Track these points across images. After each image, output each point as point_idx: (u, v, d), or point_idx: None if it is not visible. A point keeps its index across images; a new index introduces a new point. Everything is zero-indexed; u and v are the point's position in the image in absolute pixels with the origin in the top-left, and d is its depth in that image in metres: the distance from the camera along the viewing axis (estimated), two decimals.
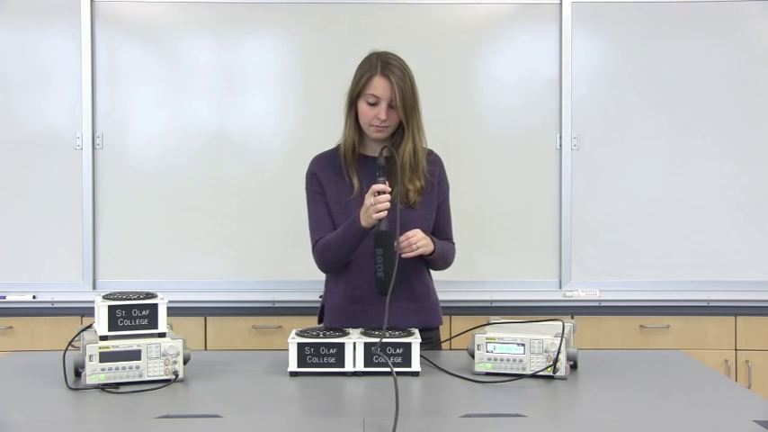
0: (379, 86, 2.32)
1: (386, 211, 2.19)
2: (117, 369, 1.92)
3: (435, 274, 2.55)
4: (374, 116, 2.33)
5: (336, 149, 2.48)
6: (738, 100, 3.70)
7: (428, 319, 2.45)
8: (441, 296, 2.55)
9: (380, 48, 2.43)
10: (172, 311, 2.01)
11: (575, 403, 1.90)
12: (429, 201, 2.43)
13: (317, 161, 2.50)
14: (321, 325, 2.49)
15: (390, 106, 2.33)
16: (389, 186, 2.21)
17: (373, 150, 2.40)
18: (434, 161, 2.48)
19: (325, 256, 2.38)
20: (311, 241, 2.43)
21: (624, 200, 3.71)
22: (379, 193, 2.19)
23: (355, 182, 2.39)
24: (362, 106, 2.36)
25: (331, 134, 2.44)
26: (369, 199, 2.20)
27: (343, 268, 2.40)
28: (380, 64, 2.34)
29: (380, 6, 3.66)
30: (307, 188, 2.47)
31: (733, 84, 3.69)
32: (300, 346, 2.03)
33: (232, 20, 3.68)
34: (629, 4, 3.68)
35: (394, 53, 2.40)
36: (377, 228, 2.21)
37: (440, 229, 2.47)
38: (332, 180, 2.42)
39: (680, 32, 3.70)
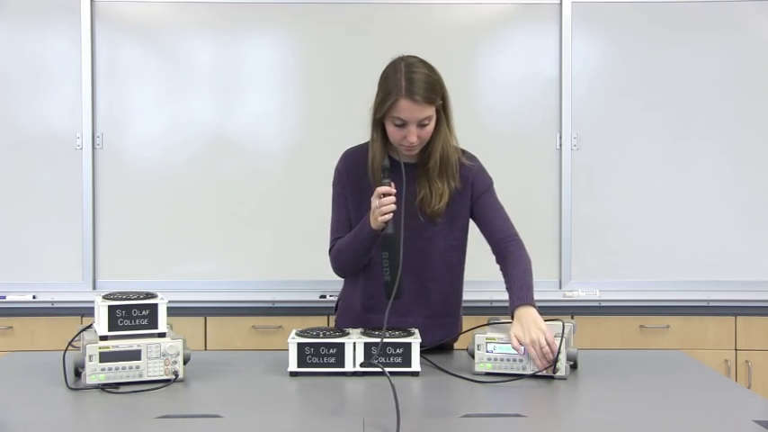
0: (405, 110, 2.14)
1: (391, 213, 2.12)
2: (117, 369, 1.92)
3: None
4: (403, 137, 2.18)
5: (366, 147, 2.31)
6: (738, 100, 3.70)
7: (443, 334, 2.33)
8: None
9: (381, 50, 2.36)
10: (172, 311, 2.01)
11: (575, 403, 1.90)
12: (455, 210, 2.30)
13: (346, 159, 2.34)
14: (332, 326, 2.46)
15: (420, 125, 2.17)
16: (395, 188, 2.13)
17: (403, 155, 2.26)
18: (465, 167, 2.31)
19: (338, 261, 2.32)
20: (329, 243, 2.36)
21: (624, 200, 3.71)
22: (384, 195, 2.12)
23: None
24: (390, 127, 2.19)
25: (331, 134, 2.45)
26: (374, 201, 2.14)
27: (359, 275, 2.33)
28: (405, 83, 2.14)
29: (380, 6, 3.66)
30: (333, 185, 2.36)
31: (733, 84, 3.69)
32: (300, 346, 2.03)
33: (232, 20, 3.68)
34: (629, 5, 3.68)
35: (421, 60, 2.23)
36: (384, 231, 2.15)
37: (496, 227, 2.31)
38: (356, 183, 2.30)
39: (680, 33, 3.70)
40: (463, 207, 2.33)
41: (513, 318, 2.12)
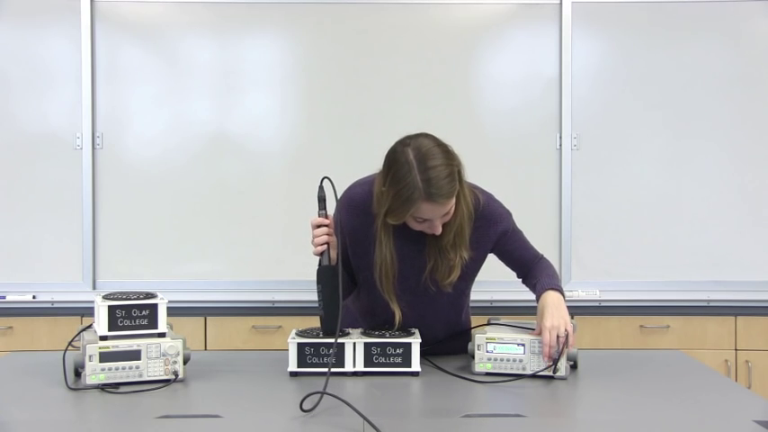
0: (428, 211, 1.97)
1: (326, 245, 2.07)
2: (117, 369, 1.92)
3: None
4: (427, 227, 2.03)
5: (371, 190, 2.11)
6: (738, 100, 3.70)
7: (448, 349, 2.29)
8: None
9: (381, 50, 2.35)
10: (172, 311, 2.01)
11: (575, 403, 1.90)
12: (467, 266, 2.15)
13: (347, 207, 2.16)
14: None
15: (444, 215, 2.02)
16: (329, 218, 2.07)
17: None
18: (481, 226, 2.16)
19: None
20: None
21: (624, 200, 3.71)
22: (319, 226, 2.06)
23: (397, 312, 2.12)
24: (411, 222, 2.03)
25: (331, 134, 2.45)
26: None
27: (358, 291, 2.29)
28: (423, 184, 1.92)
29: (380, 6, 3.66)
30: (333, 217, 2.15)
31: (733, 84, 3.69)
32: (300, 346, 2.03)
33: (232, 20, 3.68)
34: (629, 4, 3.68)
35: (432, 142, 1.99)
36: (320, 263, 2.10)
37: (525, 260, 2.25)
38: (359, 233, 2.15)
39: (680, 32, 3.70)
40: (477, 261, 2.20)
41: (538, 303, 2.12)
